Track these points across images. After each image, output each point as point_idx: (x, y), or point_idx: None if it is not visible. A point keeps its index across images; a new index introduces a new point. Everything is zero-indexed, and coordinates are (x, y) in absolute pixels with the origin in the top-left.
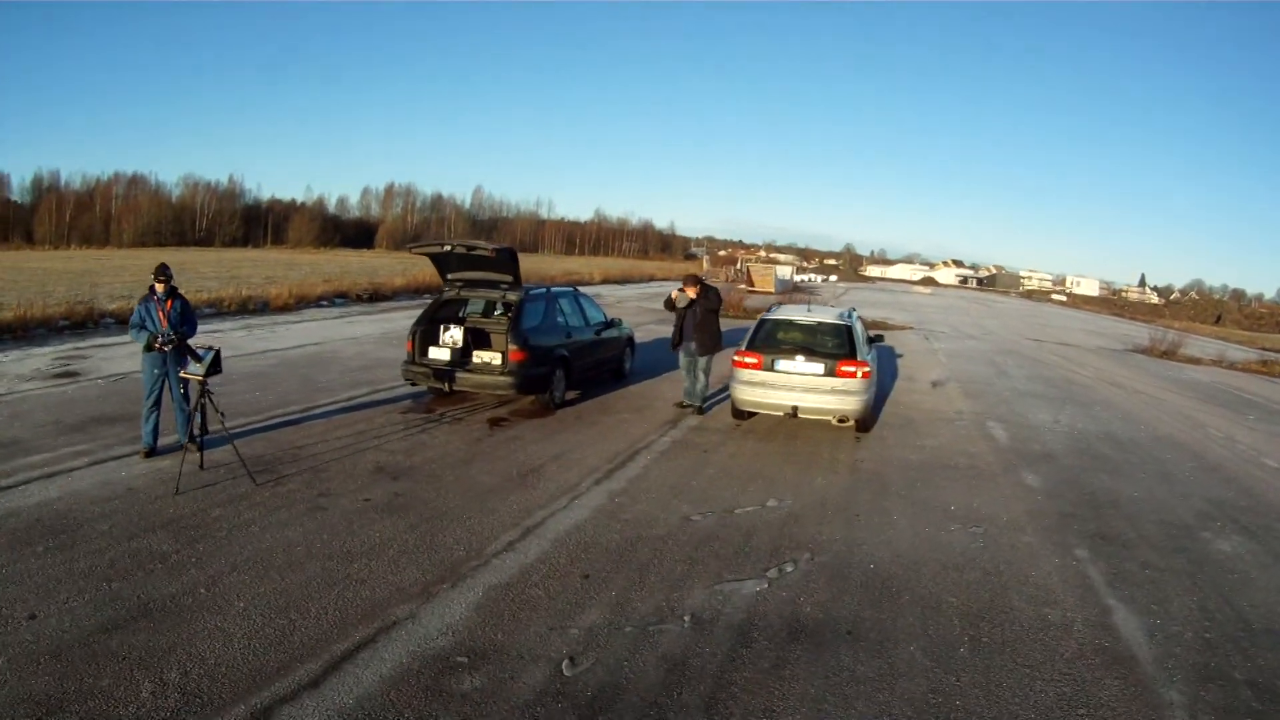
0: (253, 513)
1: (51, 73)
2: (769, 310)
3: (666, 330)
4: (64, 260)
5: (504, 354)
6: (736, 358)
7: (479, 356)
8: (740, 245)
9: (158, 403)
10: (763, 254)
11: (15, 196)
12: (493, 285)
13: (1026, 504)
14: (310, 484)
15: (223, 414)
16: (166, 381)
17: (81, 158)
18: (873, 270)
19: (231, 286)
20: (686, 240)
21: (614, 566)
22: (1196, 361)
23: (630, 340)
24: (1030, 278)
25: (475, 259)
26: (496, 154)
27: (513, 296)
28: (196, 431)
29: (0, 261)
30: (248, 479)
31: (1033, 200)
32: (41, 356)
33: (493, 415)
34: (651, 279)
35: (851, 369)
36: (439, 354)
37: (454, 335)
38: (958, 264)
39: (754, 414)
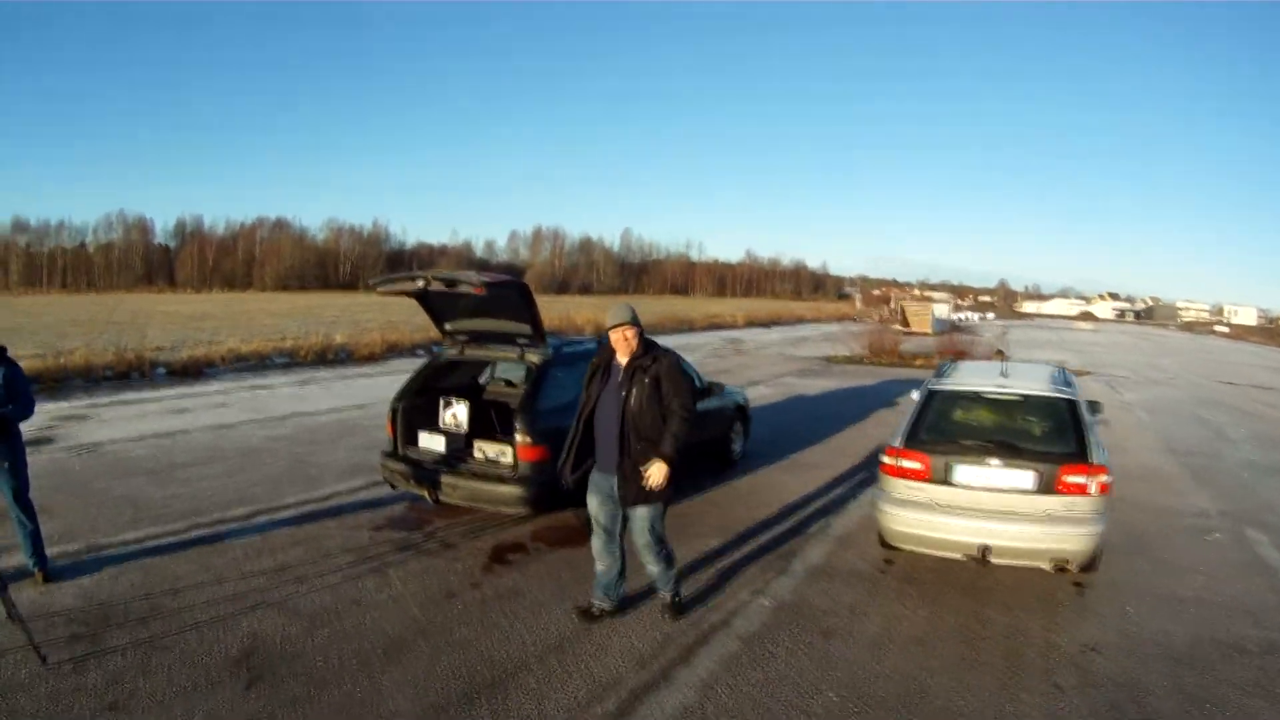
0: None
1: (197, 119)
2: (937, 373)
3: (806, 384)
4: (191, 304)
5: (514, 448)
6: (888, 460)
7: (481, 449)
8: (893, 284)
9: None
10: (916, 292)
11: (159, 240)
12: (508, 340)
13: None
14: (118, 678)
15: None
16: None
17: (226, 203)
18: (1028, 306)
19: (321, 333)
20: (839, 280)
21: None
22: None
23: (741, 410)
24: (1188, 309)
25: (472, 300)
26: (646, 194)
27: (533, 357)
28: None
29: (126, 304)
30: (56, 648)
31: (1186, 227)
32: (38, 415)
33: (505, 539)
34: (800, 320)
35: (1081, 479)
36: (431, 443)
37: (456, 413)
38: (1113, 297)
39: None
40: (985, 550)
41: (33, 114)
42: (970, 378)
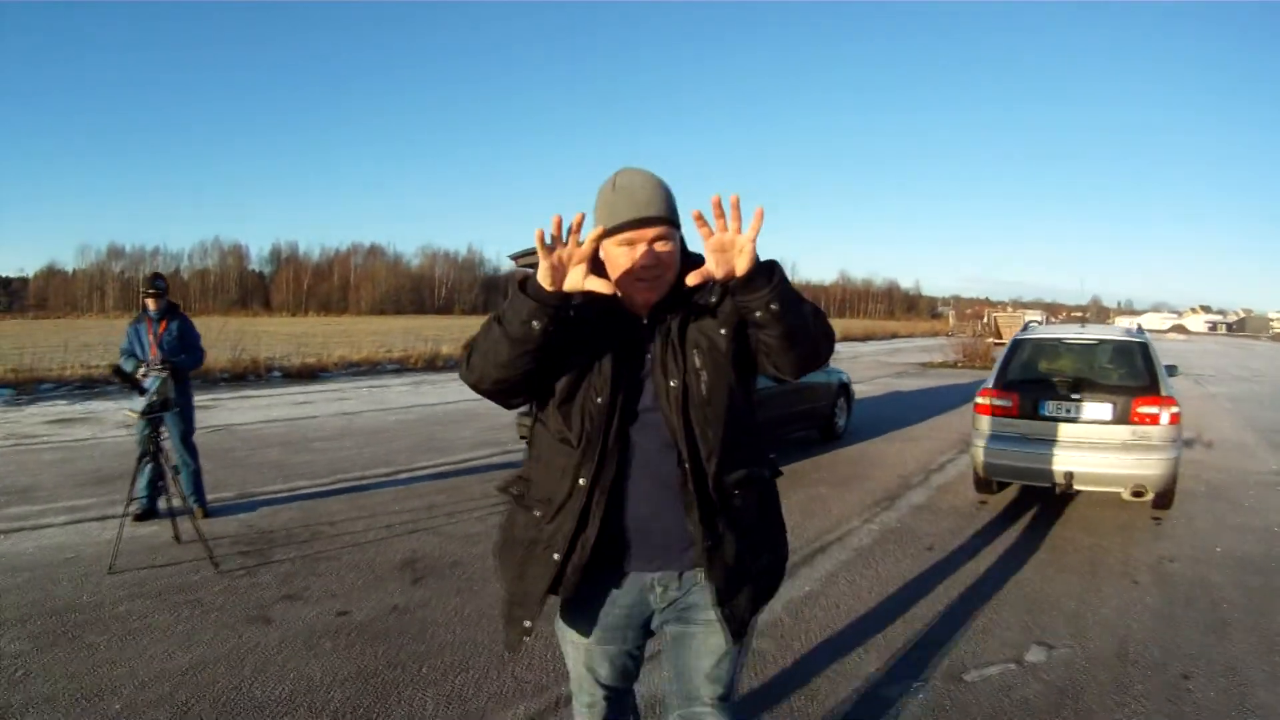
0: (168, 616)
1: (291, 148)
2: (1022, 330)
3: (902, 383)
4: (290, 325)
5: None
6: (981, 400)
7: None
8: (986, 302)
9: (153, 452)
10: (1009, 309)
11: (254, 266)
12: None
13: None
14: (290, 579)
15: (174, 468)
16: (163, 426)
17: (319, 230)
18: (1120, 321)
19: (428, 345)
20: (932, 300)
21: None
22: None
23: (844, 388)
24: (1279, 319)
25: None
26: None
27: None
28: (138, 494)
29: (228, 325)
30: (228, 560)
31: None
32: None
33: None
34: (894, 336)
35: (1153, 409)
36: None
37: None
38: (1205, 309)
39: (1005, 483)
40: (1070, 476)
41: (128, 142)
42: (1052, 329)
